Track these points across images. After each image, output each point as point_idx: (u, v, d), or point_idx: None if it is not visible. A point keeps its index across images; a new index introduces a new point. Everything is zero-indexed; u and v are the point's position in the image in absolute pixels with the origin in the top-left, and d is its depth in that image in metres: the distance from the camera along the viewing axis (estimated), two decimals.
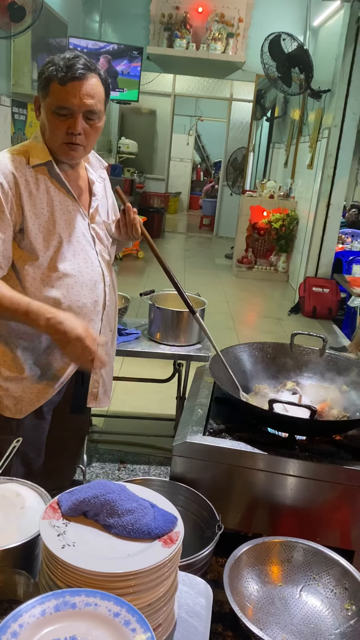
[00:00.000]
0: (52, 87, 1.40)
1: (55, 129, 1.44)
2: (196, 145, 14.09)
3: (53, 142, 1.48)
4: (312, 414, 1.52)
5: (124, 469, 2.89)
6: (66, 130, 1.44)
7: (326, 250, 6.30)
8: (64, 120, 1.43)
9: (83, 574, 0.88)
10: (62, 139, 1.46)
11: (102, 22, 7.72)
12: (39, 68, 1.52)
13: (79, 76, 1.39)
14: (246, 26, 7.65)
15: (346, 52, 5.64)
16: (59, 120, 1.43)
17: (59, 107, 1.41)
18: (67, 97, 1.40)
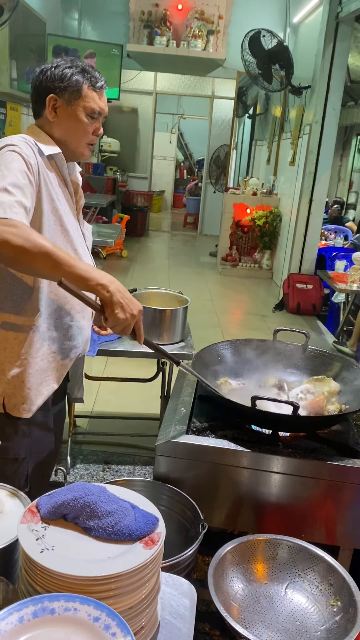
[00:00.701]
0: (86, 92, 1.51)
1: (85, 131, 1.54)
2: (179, 143, 14.08)
3: (78, 143, 1.55)
4: (295, 410, 1.51)
5: (109, 470, 2.87)
6: (92, 132, 1.55)
7: (309, 247, 6.33)
8: (92, 123, 1.54)
9: (62, 578, 0.86)
10: (88, 140, 1.56)
11: (81, 19, 7.67)
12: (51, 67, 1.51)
13: (105, 86, 1.57)
14: (226, 23, 7.65)
15: (326, 48, 5.66)
16: (90, 123, 1.53)
17: (93, 111, 1.52)
18: (99, 103, 1.54)
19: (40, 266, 1.26)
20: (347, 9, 5.26)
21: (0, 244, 1.22)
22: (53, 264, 1.25)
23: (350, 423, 1.78)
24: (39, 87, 1.52)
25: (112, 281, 1.32)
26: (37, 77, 1.52)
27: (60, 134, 1.53)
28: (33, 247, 1.23)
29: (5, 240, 1.22)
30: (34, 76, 1.54)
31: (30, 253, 1.23)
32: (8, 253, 1.24)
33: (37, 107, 1.55)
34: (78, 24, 7.67)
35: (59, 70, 1.49)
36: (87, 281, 1.28)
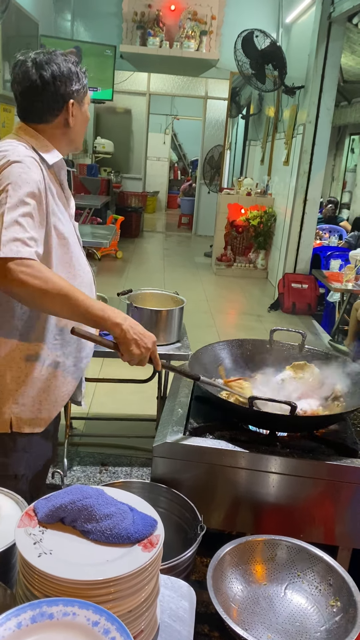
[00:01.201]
0: (86, 86, 1.50)
1: (85, 128, 1.55)
2: (173, 144, 14.07)
3: (79, 139, 1.54)
4: (292, 410, 1.51)
5: (106, 472, 2.86)
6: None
7: (304, 246, 6.33)
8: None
9: (60, 582, 0.85)
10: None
11: (74, 20, 7.65)
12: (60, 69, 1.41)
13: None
14: (219, 24, 7.65)
15: (319, 48, 5.67)
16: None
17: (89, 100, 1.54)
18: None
19: (57, 308, 1.28)
20: (340, 9, 5.27)
21: (18, 285, 1.21)
22: (70, 306, 1.26)
23: (348, 422, 1.78)
24: (53, 93, 1.41)
25: (126, 318, 1.33)
26: (47, 81, 1.39)
27: (73, 136, 1.50)
28: (51, 289, 1.23)
29: (22, 282, 1.21)
30: (33, 79, 1.40)
31: (49, 295, 1.23)
32: (25, 294, 1.24)
33: (45, 112, 1.43)
34: (71, 25, 7.65)
35: (69, 71, 1.42)
36: (103, 321, 1.30)
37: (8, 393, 1.45)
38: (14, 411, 1.47)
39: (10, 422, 1.47)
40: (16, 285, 1.22)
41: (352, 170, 10.35)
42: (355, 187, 10.00)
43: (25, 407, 1.48)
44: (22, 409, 1.48)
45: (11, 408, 1.46)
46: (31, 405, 1.49)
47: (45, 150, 1.43)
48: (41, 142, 1.44)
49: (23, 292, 1.23)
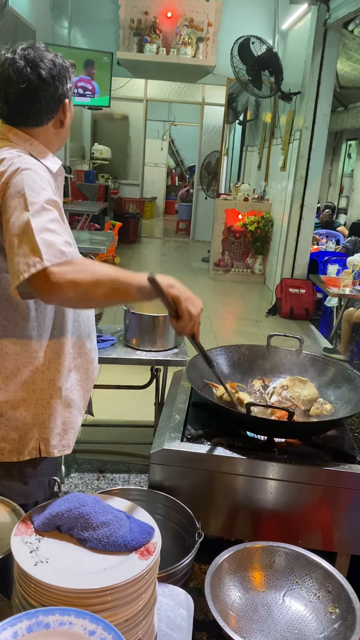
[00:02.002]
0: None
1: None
2: (170, 150, 14.10)
3: (66, 139, 1.47)
4: (290, 415, 1.51)
5: (104, 479, 2.85)
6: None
7: (301, 251, 6.35)
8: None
9: (57, 591, 0.85)
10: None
11: (71, 28, 7.68)
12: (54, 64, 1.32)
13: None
14: (216, 30, 7.68)
15: (315, 54, 5.70)
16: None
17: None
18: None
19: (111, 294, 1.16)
20: (335, 16, 5.30)
21: (69, 286, 1.11)
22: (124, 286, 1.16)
23: (346, 428, 1.78)
24: (51, 93, 1.32)
25: (175, 280, 1.24)
26: (45, 81, 1.30)
27: (63, 137, 1.42)
28: (101, 276, 1.14)
29: (72, 281, 1.11)
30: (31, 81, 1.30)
31: (101, 283, 1.14)
32: (78, 292, 1.13)
33: (42, 114, 1.34)
34: (68, 32, 7.68)
35: (62, 70, 1.33)
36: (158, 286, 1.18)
37: (34, 418, 1.40)
38: (42, 436, 1.42)
39: (39, 449, 1.42)
40: (67, 288, 1.11)
41: (349, 175, 10.40)
42: (352, 192, 10.04)
43: (52, 430, 1.43)
44: (49, 432, 1.42)
45: (38, 433, 1.41)
46: (56, 427, 1.44)
47: (43, 156, 1.36)
48: (37, 148, 1.36)
49: (75, 291, 1.12)
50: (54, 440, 1.44)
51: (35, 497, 1.45)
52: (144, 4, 7.61)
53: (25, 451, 1.41)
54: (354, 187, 9.94)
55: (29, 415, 1.40)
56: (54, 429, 1.44)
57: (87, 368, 1.52)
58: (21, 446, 1.40)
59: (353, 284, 4.92)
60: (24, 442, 1.40)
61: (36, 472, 1.45)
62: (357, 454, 1.62)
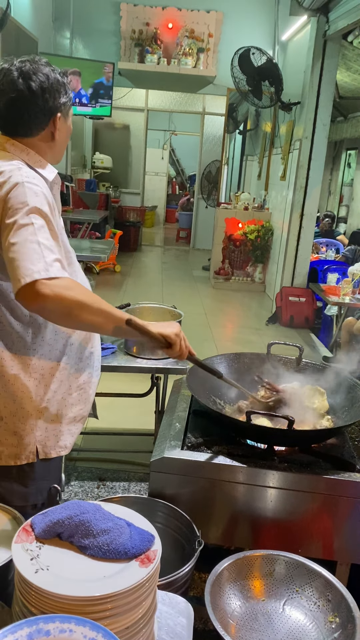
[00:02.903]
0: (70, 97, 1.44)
1: (68, 141, 1.49)
2: (171, 159, 14.18)
3: (62, 152, 1.49)
4: (290, 424, 1.51)
5: (103, 487, 2.84)
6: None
7: (301, 260, 6.36)
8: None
9: (57, 599, 0.85)
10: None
11: (73, 38, 7.74)
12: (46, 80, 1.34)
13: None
14: (216, 41, 7.76)
15: (314, 65, 5.75)
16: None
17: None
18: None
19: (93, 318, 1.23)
20: (334, 27, 5.35)
21: (53, 301, 1.17)
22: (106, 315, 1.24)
23: (346, 436, 1.78)
24: (40, 106, 1.34)
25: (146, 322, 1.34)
26: (34, 93, 1.32)
27: (58, 149, 1.43)
28: (87, 300, 1.21)
29: (57, 296, 1.17)
30: (21, 89, 1.32)
31: (85, 306, 1.21)
32: (61, 309, 1.20)
33: (31, 126, 1.37)
34: (70, 43, 7.75)
35: (56, 84, 1.35)
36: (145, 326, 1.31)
37: (31, 423, 1.42)
38: (39, 439, 1.44)
39: (36, 452, 1.44)
40: (51, 301, 1.17)
41: (349, 185, 10.44)
42: (352, 201, 10.08)
43: (49, 431, 1.45)
44: (46, 434, 1.44)
45: (35, 437, 1.43)
46: (55, 430, 1.46)
47: (40, 166, 1.39)
48: (34, 158, 1.39)
49: (59, 307, 1.19)
50: (51, 442, 1.46)
51: (34, 500, 1.46)
52: (145, 15, 7.69)
53: (22, 455, 1.43)
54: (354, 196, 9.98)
55: (25, 421, 1.41)
56: (52, 432, 1.45)
57: (88, 372, 1.54)
58: (19, 450, 1.42)
59: (353, 292, 4.93)
60: (21, 446, 1.42)
61: (35, 475, 1.46)
62: (357, 462, 1.63)
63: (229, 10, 7.67)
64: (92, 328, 1.36)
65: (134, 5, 7.68)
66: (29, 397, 1.41)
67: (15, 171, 1.29)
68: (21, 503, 1.28)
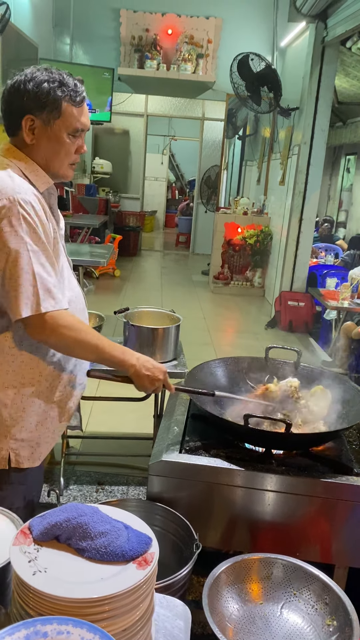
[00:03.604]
0: (66, 109, 1.37)
1: (68, 152, 1.42)
2: (170, 164, 14.21)
3: (61, 165, 1.43)
4: (288, 427, 1.52)
5: (102, 491, 2.84)
6: (75, 151, 1.44)
7: (300, 265, 6.38)
8: (74, 141, 1.42)
9: (55, 600, 0.85)
10: (71, 160, 1.45)
11: (73, 44, 7.78)
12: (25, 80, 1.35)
13: (85, 97, 1.43)
14: (215, 47, 7.80)
15: (313, 71, 5.78)
16: (71, 142, 1.41)
17: (76, 130, 1.40)
18: (81, 119, 1.41)
19: (86, 354, 1.45)
20: (333, 33, 5.38)
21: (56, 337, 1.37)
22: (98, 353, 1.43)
23: (343, 440, 1.78)
24: (13, 104, 1.36)
25: (138, 358, 1.49)
26: (9, 91, 1.36)
27: (41, 157, 1.40)
28: (84, 339, 1.39)
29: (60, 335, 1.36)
30: (5, 88, 1.38)
31: (82, 344, 1.39)
32: (61, 344, 1.40)
33: (10, 125, 1.40)
34: (70, 49, 7.79)
35: (34, 86, 1.34)
36: (122, 363, 1.47)
37: (5, 429, 1.43)
38: (12, 447, 1.44)
39: (8, 459, 1.45)
40: (54, 337, 1.36)
41: (348, 190, 10.47)
42: (351, 206, 10.10)
43: (24, 442, 1.46)
44: (20, 444, 1.45)
45: (9, 444, 1.44)
46: (29, 440, 1.47)
47: (35, 175, 1.39)
48: (31, 166, 1.39)
49: (60, 342, 1.38)
50: (25, 452, 1.47)
51: (10, 503, 1.46)
52: (144, 22, 7.73)
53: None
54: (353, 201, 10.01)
55: (1, 426, 1.43)
56: (25, 441, 1.46)
57: (70, 385, 1.53)
58: None
59: (351, 297, 4.94)
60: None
61: (11, 480, 1.47)
62: (355, 465, 1.63)
63: (228, 16, 7.72)
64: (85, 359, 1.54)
65: (133, 12, 7.72)
66: (4, 403, 1.41)
67: (10, 187, 1.31)
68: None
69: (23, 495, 1.51)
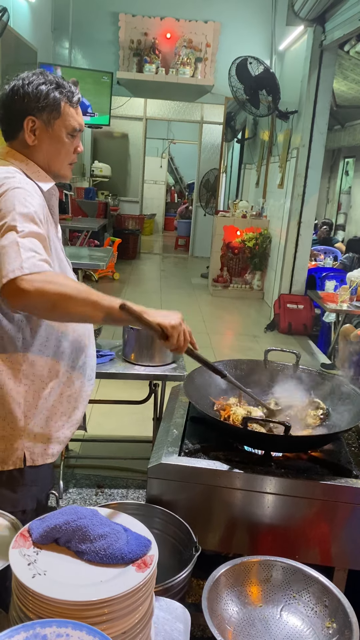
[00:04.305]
0: (65, 109, 1.42)
1: (67, 152, 1.46)
2: (169, 167, 14.24)
3: (61, 165, 1.47)
4: (287, 430, 1.52)
5: (102, 494, 2.84)
6: (73, 150, 1.48)
7: (299, 267, 6.39)
8: (72, 140, 1.46)
9: (54, 603, 0.86)
10: (70, 159, 1.48)
11: (72, 48, 7.81)
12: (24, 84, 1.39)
13: (81, 98, 1.48)
14: (214, 51, 7.82)
15: (311, 74, 5.80)
16: (70, 142, 1.46)
17: (74, 129, 1.45)
18: (78, 119, 1.46)
19: (79, 309, 1.21)
20: (331, 37, 5.40)
21: (36, 295, 1.16)
22: (93, 304, 1.21)
23: (343, 442, 1.79)
24: (12, 108, 1.40)
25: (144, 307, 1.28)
26: (7, 95, 1.40)
27: (42, 158, 1.43)
28: (71, 290, 1.19)
29: (39, 290, 1.16)
30: (2, 93, 1.42)
31: (70, 297, 1.18)
32: (45, 303, 1.19)
33: (9, 128, 1.43)
34: (69, 53, 7.81)
35: (33, 88, 1.38)
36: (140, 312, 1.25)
37: (20, 429, 1.43)
38: (27, 445, 1.45)
39: (23, 458, 1.45)
40: (34, 296, 1.16)
41: (347, 192, 10.50)
42: (350, 208, 10.13)
43: (36, 439, 1.46)
44: (34, 441, 1.46)
45: (23, 443, 1.44)
46: (42, 436, 1.47)
47: (37, 177, 1.41)
48: (32, 168, 1.42)
49: (42, 301, 1.18)
50: (39, 450, 1.47)
51: (24, 505, 1.47)
52: (143, 26, 7.76)
53: (9, 460, 1.44)
54: (352, 204, 10.03)
55: (14, 426, 1.43)
56: (39, 439, 1.47)
57: (80, 381, 1.54)
58: (6, 455, 1.43)
59: (350, 299, 4.95)
60: (9, 451, 1.43)
61: (25, 481, 1.47)
62: (354, 468, 1.63)
63: (227, 20, 7.75)
64: (82, 319, 1.32)
65: (132, 16, 7.75)
66: (19, 402, 1.42)
67: (10, 178, 1.32)
68: (11, 509, 1.28)
69: (35, 497, 1.52)
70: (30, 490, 1.49)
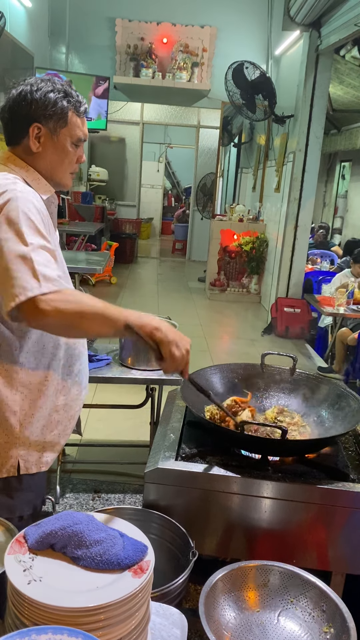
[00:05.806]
0: (72, 119, 1.42)
1: (71, 161, 1.46)
2: (166, 171, 14.27)
3: (63, 174, 1.46)
4: (283, 434, 1.52)
5: (99, 499, 2.83)
6: (75, 160, 1.47)
7: (296, 271, 6.40)
8: (76, 150, 1.46)
9: (50, 610, 0.85)
10: (72, 169, 1.48)
11: (69, 53, 7.83)
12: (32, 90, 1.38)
13: (87, 108, 1.48)
14: (210, 55, 7.85)
15: (307, 79, 5.82)
16: (74, 151, 1.45)
17: (79, 139, 1.44)
18: (84, 129, 1.45)
19: (96, 326, 1.23)
20: (327, 42, 5.42)
21: (54, 315, 1.17)
22: (110, 322, 1.22)
23: (340, 446, 1.78)
24: (19, 113, 1.39)
25: (162, 321, 1.29)
26: (14, 100, 1.39)
27: (44, 166, 1.42)
28: (87, 309, 1.20)
29: (57, 310, 1.17)
30: (8, 97, 1.41)
31: (86, 315, 1.20)
32: (62, 322, 1.20)
33: (14, 134, 1.42)
34: (66, 58, 7.83)
35: (41, 95, 1.37)
36: (143, 328, 1.24)
37: (15, 438, 1.43)
38: (21, 453, 1.45)
39: (17, 466, 1.45)
40: (52, 316, 1.18)
41: (343, 196, 10.52)
42: (346, 212, 10.15)
43: (31, 447, 1.46)
44: (29, 450, 1.46)
45: (18, 451, 1.44)
46: (36, 444, 1.47)
47: (37, 184, 1.41)
48: (32, 175, 1.41)
49: (60, 321, 1.20)
50: (32, 458, 1.47)
51: (21, 512, 1.47)
52: (140, 30, 7.78)
53: (3, 469, 1.44)
54: (348, 208, 10.06)
55: (9, 434, 1.42)
56: (34, 447, 1.46)
57: (76, 389, 1.54)
58: (0, 463, 1.43)
59: (347, 303, 4.96)
60: (3, 459, 1.43)
61: (22, 487, 1.47)
62: (351, 472, 1.63)
63: (223, 25, 7.78)
64: (97, 336, 1.38)
65: (129, 21, 7.78)
66: (14, 410, 1.41)
67: (10, 185, 1.30)
68: (7, 515, 1.27)
69: (32, 504, 1.51)
70: (26, 497, 1.49)
